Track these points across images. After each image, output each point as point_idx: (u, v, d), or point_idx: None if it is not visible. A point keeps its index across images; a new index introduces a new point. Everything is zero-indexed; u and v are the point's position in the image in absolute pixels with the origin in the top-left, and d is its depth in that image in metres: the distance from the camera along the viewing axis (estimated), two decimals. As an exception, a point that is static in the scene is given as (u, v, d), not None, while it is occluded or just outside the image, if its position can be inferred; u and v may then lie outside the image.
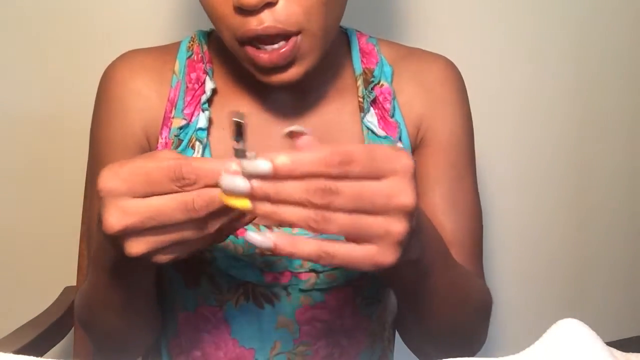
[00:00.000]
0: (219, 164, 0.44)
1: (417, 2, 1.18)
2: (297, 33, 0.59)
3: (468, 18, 1.22)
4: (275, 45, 0.59)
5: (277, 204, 0.42)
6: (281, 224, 0.51)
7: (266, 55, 0.59)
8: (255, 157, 0.42)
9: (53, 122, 1.06)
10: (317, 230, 0.42)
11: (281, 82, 0.62)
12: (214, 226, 0.47)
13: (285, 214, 0.42)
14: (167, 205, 0.45)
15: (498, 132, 1.29)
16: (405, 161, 0.44)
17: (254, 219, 0.50)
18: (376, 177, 0.43)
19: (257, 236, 0.43)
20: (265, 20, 0.57)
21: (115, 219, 0.46)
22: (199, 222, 0.47)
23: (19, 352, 0.76)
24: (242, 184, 0.42)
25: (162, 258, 0.49)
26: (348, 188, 0.42)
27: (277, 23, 0.57)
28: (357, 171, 0.42)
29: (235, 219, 0.48)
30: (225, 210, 0.46)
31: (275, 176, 0.41)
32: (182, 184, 0.45)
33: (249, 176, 0.42)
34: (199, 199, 0.45)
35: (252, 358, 0.71)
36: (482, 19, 1.24)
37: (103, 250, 0.56)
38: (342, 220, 0.42)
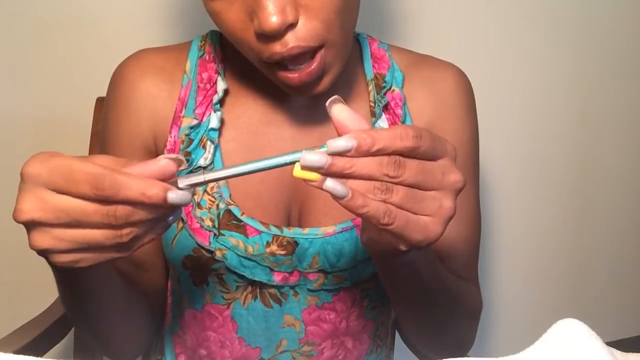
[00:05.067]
0: (145, 185, 0.44)
1: (415, 3, 1.18)
2: (320, 47, 0.58)
3: (467, 19, 1.23)
4: (303, 65, 0.59)
5: (346, 178, 0.44)
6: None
7: (296, 75, 0.59)
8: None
9: (53, 122, 1.06)
10: (383, 199, 0.45)
11: (314, 95, 0.62)
12: (128, 235, 0.45)
13: (354, 184, 0.44)
14: (86, 206, 0.44)
15: (498, 132, 1.29)
16: (451, 145, 0.48)
17: (168, 227, 0.49)
18: (434, 156, 0.47)
19: (337, 186, 0.44)
20: (289, 42, 0.57)
21: (29, 206, 0.44)
22: (114, 228, 0.45)
23: (19, 352, 0.76)
24: (320, 159, 0.43)
25: (62, 259, 0.46)
26: (413, 163, 0.45)
27: (300, 42, 0.57)
28: (425, 147, 0.45)
29: (149, 230, 0.47)
30: (143, 222, 0.45)
31: (356, 152, 0.43)
32: (100, 194, 0.43)
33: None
34: (122, 209, 0.44)
35: (257, 357, 0.71)
36: (481, 20, 1.24)
37: None
38: (403, 192, 0.45)
